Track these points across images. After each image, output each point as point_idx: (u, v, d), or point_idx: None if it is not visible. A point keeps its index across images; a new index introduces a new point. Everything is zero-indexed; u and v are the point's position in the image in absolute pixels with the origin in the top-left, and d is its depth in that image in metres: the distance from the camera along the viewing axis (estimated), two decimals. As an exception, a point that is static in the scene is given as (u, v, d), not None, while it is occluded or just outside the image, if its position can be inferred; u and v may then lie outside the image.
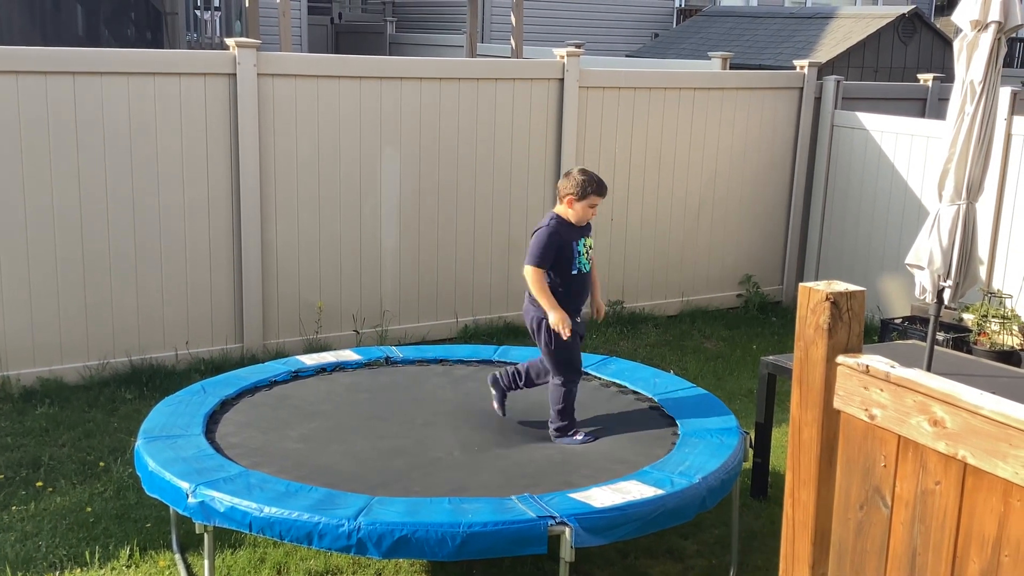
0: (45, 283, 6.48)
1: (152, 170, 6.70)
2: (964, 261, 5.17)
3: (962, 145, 5.04)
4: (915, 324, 7.31)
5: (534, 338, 4.89)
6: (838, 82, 9.11)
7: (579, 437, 4.79)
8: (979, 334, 6.99)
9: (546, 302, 4.70)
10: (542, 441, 4.76)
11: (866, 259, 8.77)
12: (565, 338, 4.70)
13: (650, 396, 5.23)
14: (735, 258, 9.15)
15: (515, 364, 5.16)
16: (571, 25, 17.35)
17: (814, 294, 2.55)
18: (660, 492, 4.04)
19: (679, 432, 4.79)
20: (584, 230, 4.83)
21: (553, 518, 3.78)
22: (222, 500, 3.89)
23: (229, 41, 6.91)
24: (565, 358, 4.83)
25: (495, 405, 5.00)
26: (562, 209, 4.79)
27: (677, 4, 18.79)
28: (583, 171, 4.82)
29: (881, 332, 7.49)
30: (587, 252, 4.84)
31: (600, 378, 5.53)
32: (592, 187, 4.76)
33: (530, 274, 4.70)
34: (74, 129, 6.41)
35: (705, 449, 4.51)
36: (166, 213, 6.79)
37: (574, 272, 4.79)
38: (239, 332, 7.17)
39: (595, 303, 5.08)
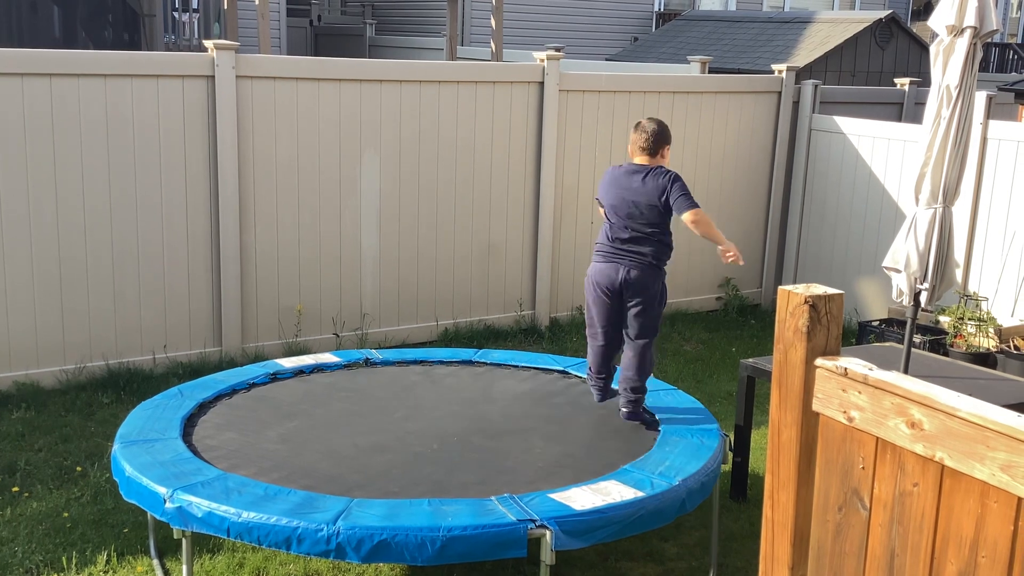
0: (21, 286, 6.43)
1: (129, 173, 6.66)
2: (940, 264, 5.21)
3: (938, 149, 5.07)
4: (892, 327, 7.35)
5: (642, 300, 4.82)
6: (816, 86, 9.17)
7: (647, 416, 4.92)
8: (955, 336, 7.05)
9: (719, 235, 4.78)
10: (521, 436, 4.75)
11: (844, 262, 8.82)
12: (743, 263, 4.81)
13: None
14: (714, 261, 9.17)
15: (596, 376, 5.08)
16: (551, 28, 17.38)
17: (793, 297, 2.56)
18: (640, 494, 4.04)
19: (659, 434, 4.79)
20: None
21: (533, 521, 3.77)
22: (200, 505, 3.86)
23: (207, 43, 6.87)
24: (659, 315, 4.96)
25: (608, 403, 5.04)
26: (657, 161, 4.87)
27: (656, 8, 18.85)
28: (653, 120, 4.92)
29: (859, 335, 7.54)
30: None
31: (580, 375, 5.53)
32: (669, 130, 4.93)
33: (700, 215, 4.71)
34: (50, 131, 6.36)
35: (685, 451, 4.52)
36: (144, 216, 6.75)
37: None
38: (217, 336, 7.13)
39: None
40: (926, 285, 5.24)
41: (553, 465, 4.46)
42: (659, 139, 4.86)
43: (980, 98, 7.44)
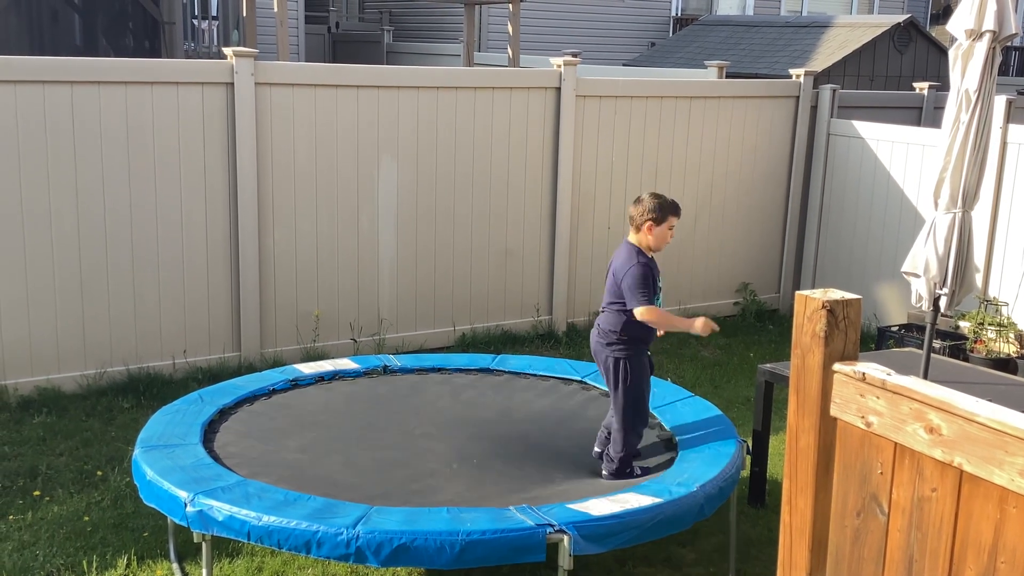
0: (42, 292, 6.48)
1: (149, 179, 6.71)
2: (960, 269, 5.19)
3: (957, 153, 5.06)
4: (911, 332, 7.31)
5: (608, 379, 4.71)
6: (834, 90, 9.14)
7: (638, 472, 4.67)
8: (975, 342, 7.00)
9: (680, 323, 4.68)
10: (541, 452, 4.76)
11: (862, 267, 8.79)
12: (717, 330, 4.62)
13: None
14: (732, 266, 9.17)
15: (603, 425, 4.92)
16: (568, 34, 17.39)
17: (810, 302, 2.57)
18: (658, 500, 4.05)
19: (677, 440, 4.79)
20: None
21: (551, 526, 3.78)
22: (220, 509, 3.88)
23: (227, 50, 6.93)
24: (635, 397, 4.66)
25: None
26: (640, 238, 4.66)
27: (674, 13, 18.83)
28: (654, 195, 4.71)
29: (878, 340, 7.50)
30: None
31: (599, 387, 5.53)
32: (670, 208, 4.67)
33: (647, 314, 4.51)
34: (72, 138, 6.42)
35: (703, 457, 4.51)
36: (163, 222, 6.80)
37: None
38: (236, 341, 7.17)
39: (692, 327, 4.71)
40: (945, 290, 5.22)
41: (572, 479, 4.46)
42: (641, 215, 4.65)
43: (999, 102, 7.39)
